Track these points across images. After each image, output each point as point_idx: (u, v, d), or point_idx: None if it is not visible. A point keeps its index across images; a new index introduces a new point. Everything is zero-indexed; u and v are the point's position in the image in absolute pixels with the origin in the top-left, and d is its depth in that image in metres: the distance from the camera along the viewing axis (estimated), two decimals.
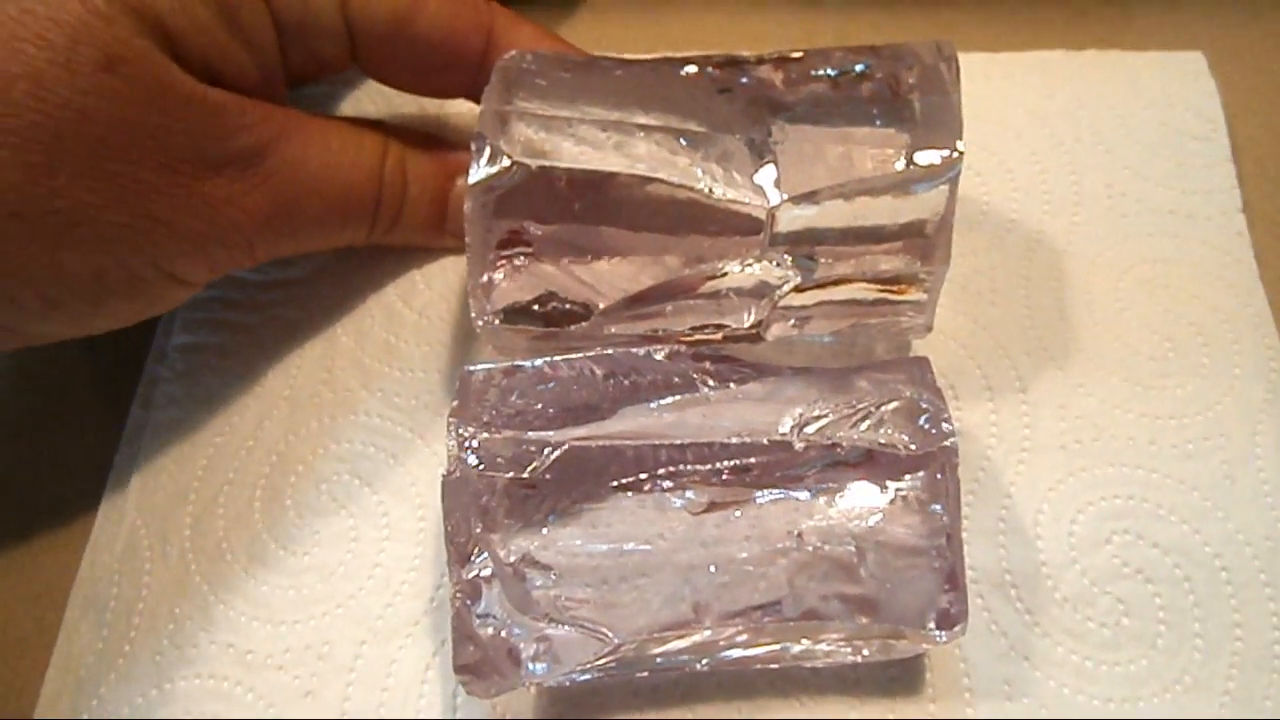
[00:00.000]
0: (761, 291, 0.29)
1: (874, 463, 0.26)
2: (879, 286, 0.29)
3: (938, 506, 0.26)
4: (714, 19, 0.40)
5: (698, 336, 0.29)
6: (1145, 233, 0.34)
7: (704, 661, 0.26)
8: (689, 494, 0.26)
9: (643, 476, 0.26)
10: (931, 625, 0.25)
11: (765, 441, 0.26)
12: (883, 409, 0.26)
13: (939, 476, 0.26)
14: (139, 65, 0.25)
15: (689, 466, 0.26)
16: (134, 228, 0.26)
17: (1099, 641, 0.28)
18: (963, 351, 0.32)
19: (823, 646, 0.26)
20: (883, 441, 0.26)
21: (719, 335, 0.29)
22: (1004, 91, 0.36)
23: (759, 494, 0.26)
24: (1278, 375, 0.31)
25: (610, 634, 0.24)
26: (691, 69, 0.30)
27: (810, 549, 0.26)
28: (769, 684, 0.27)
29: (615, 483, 0.26)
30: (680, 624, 0.25)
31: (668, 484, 0.26)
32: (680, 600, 0.25)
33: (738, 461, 0.26)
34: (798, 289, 0.28)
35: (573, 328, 0.29)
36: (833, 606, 0.25)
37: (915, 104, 0.28)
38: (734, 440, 0.26)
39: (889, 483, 0.26)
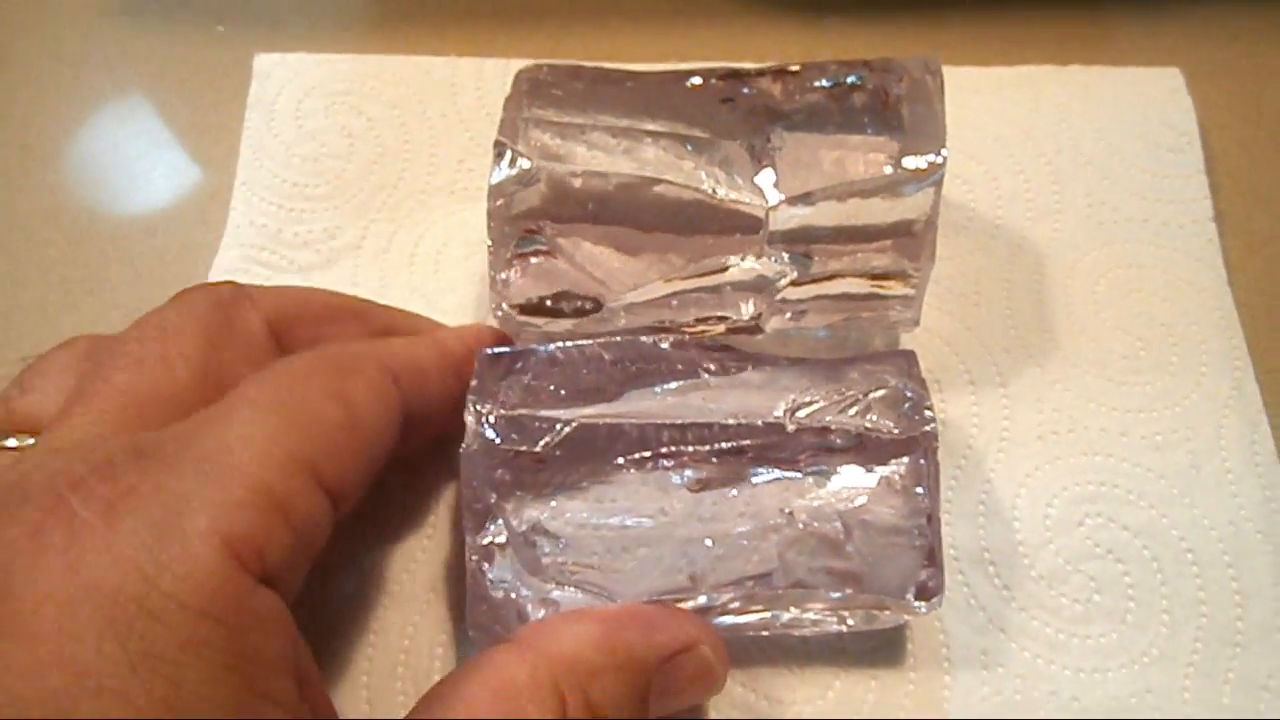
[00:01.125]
0: (761, 286, 0.31)
1: (862, 447, 0.28)
2: (870, 281, 0.31)
3: (919, 489, 0.28)
4: (718, 34, 0.42)
5: (701, 328, 0.31)
6: (1121, 240, 0.36)
7: None
8: (688, 472, 0.28)
9: (645, 455, 0.28)
10: (911, 597, 0.27)
11: (760, 424, 0.28)
12: (870, 396, 0.28)
13: (921, 461, 0.28)
14: None
15: (689, 447, 0.28)
16: None
17: (1071, 616, 0.30)
18: (948, 348, 0.34)
19: (810, 615, 0.28)
20: (868, 426, 0.28)
21: (721, 327, 0.32)
22: (992, 104, 0.38)
23: (754, 474, 0.28)
24: (1242, 373, 0.33)
25: (611, 596, 0.26)
26: (696, 80, 0.32)
27: (800, 526, 0.27)
28: (759, 650, 0.29)
29: (620, 459, 0.28)
30: (677, 591, 0.27)
31: (669, 463, 0.28)
32: (678, 571, 0.27)
33: (734, 443, 0.28)
34: (794, 283, 0.30)
35: (584, 319, 0.31)
36: (820, 578, 0.27)
37: (903, 113, 0.30)
38: (731, 422, 0.28)
39: (875, 467, 0.28)
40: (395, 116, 0.39)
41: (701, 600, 0.27)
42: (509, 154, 0.30)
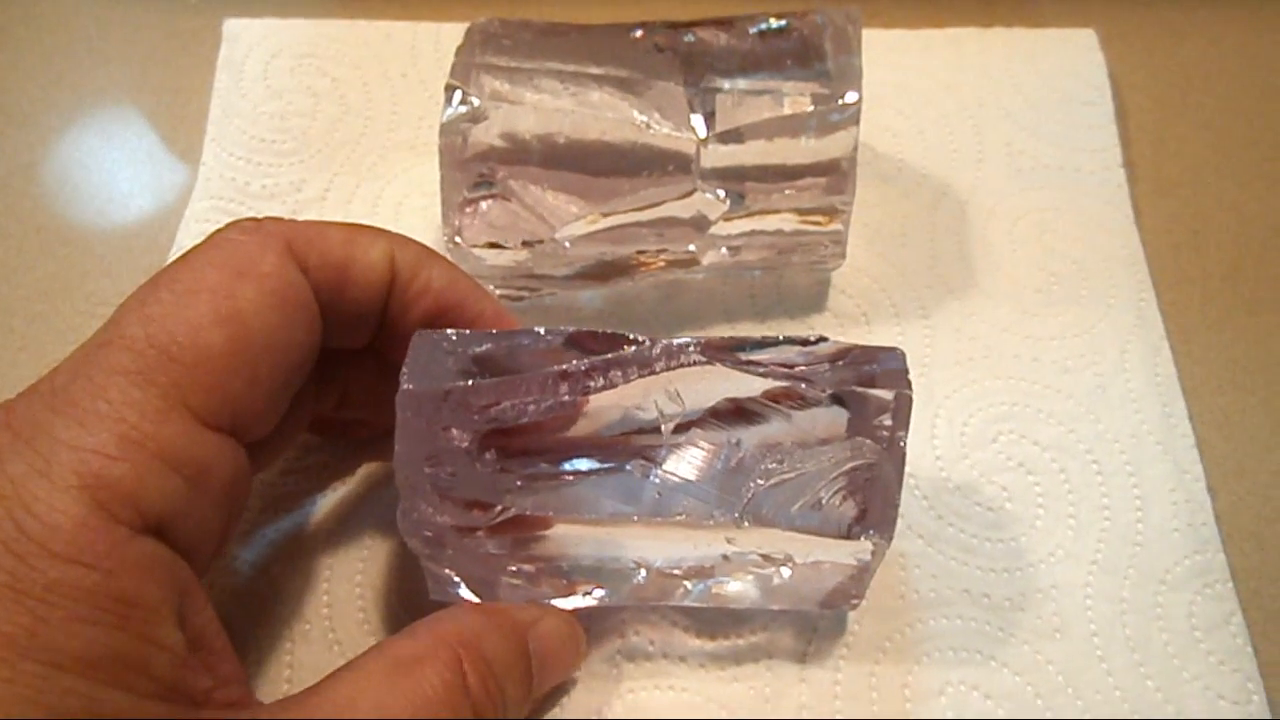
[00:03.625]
0: (698, 222, 0.33)
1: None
2: (799, 217, 0.33)
3: (865, 559, 0.27)
4: (663, 3, 0.44)
5: (642, 260, 0.34)
6: (1038, 185, 0.38)
7: (633, 562, 0.27)
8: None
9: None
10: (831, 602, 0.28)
11: (712, 520, 0.26)
12: (833, 489, 0.26)
13: (868, 557, 0.27)
14: None
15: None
16: None
17: (984, 522, 0.32)
18: (875, 285, 0.36)
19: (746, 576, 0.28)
20: (826, 520, 0.26)
21: (661, 260, 0.34)
22: (920, 63, 0.41)
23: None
24: (1146, 304, 0.36)
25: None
26: (638, 32, 0.34)
27: (743, 554, 0.27)
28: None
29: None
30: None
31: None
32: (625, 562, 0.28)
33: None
34: (727, 217, 0.33)
35: (531, 251, 0.33)
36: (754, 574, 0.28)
37: (827, 59, 0.32)
38: (680, 516, 0.26)
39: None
40: (358, 77, 0.41)
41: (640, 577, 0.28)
42: (459, 94, 0.32)
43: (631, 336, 0.27)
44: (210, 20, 0.43)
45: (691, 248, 0.34)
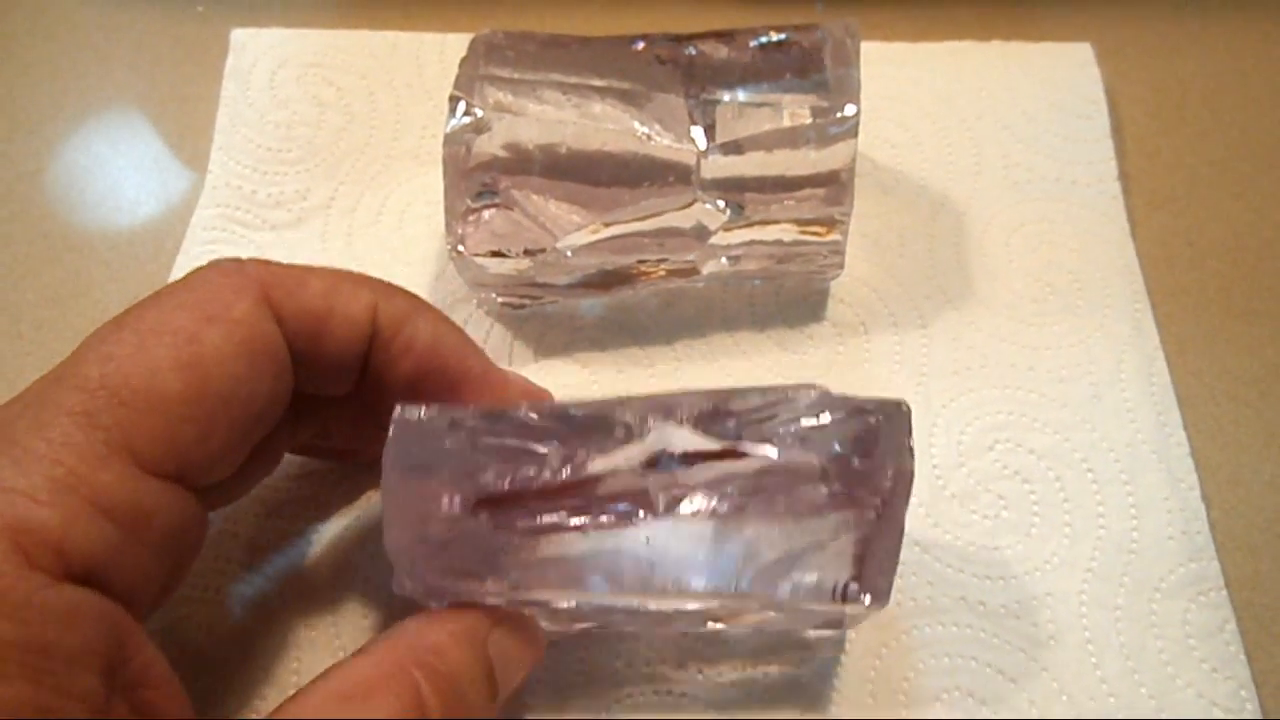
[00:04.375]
0: (698, 232, 0.33)
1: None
2: (799, 227, 0.33)
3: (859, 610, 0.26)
4: (671, 16, 0.45)
5: (644, 269, 0.34)
6: (1034, 197, 0.39)
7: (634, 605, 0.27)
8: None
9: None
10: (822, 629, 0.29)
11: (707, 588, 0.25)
12: (828, 561, 0.25)
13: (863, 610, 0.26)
14: None
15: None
16: None
17: (980, 530, 0.32)
18: (874, 294, 0.37)
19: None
20: (816, 597, 0.25)
21: (661, 270, 0.34)
22: (918, 76, 0.41)
23: None
24: (1142, 314, 0.36)
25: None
26: (640, 44, 0.35)
27: (736, 610, 0.27)
28: None
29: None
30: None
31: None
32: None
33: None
34: (727, 228, 0.33)
35: (533, 260, 0.33)
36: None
37: (826, 72, 0.33)
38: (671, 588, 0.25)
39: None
40: (363, 86, 0.42)
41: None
42: (463, 105, 0.32)
43: (618, 417, 0.26)
44: (218, 29, 0.43)
45: (692, 257, 0.34)
